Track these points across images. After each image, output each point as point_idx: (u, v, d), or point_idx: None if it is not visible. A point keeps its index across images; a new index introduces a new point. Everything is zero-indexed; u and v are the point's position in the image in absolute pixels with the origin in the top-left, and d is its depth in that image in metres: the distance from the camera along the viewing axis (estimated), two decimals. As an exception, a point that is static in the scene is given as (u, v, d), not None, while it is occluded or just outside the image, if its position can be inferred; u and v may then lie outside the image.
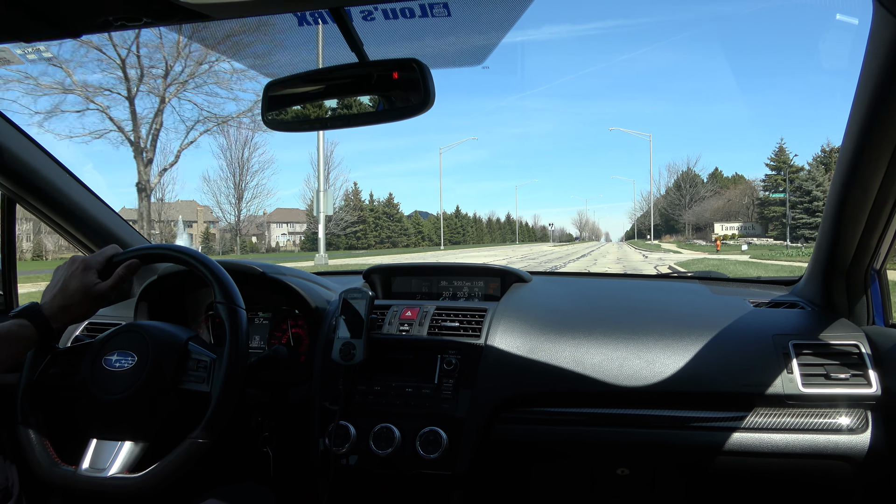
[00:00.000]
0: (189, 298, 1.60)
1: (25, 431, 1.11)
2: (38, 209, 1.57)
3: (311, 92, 1.00)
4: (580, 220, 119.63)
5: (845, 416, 1.24)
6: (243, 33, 0.96)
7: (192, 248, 1.22)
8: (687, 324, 1.38)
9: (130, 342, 1.13)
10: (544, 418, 1.34)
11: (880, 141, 1.02)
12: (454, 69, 1.11)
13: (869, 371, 1.23)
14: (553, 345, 1.36)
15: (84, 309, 1.11)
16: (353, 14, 0.88)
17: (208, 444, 1.06)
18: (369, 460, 1.30)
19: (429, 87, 0.90)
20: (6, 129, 1.41)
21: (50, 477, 1.08)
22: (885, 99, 0.94)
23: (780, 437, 1.24)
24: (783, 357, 1.27)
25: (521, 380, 1.33)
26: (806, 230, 39.27)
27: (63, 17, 0.75)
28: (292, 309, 1.56)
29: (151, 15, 0.74)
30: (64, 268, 1.13)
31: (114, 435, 1.09)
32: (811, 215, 40.16)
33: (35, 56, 1.16)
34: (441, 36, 1.04)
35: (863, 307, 1.38)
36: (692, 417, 1.28)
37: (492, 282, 1.68)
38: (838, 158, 1.16)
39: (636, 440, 1.30)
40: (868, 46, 0.92)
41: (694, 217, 60.37)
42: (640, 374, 1.29)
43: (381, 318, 1.48)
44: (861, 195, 1.15)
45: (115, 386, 1.08)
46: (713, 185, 61.81)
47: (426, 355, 1.38)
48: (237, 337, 1.12)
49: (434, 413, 1.31)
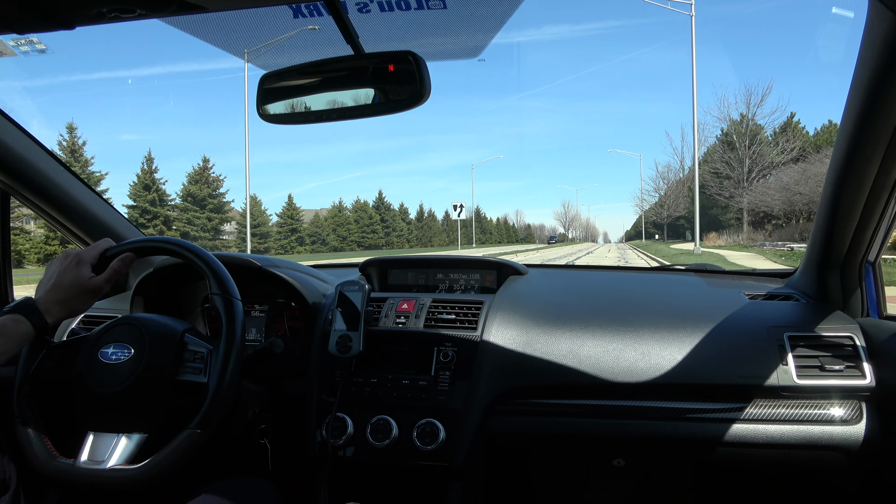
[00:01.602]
0: (185, 291, 1.59)
1: (22, 425, 1.11)
2: (31, 201, 1.56)
3: (306, 84, 0.99)
4: (565, 213, 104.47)
5: (840, 407, 1.25)
6: (238, 24, 0.96)
7: (187, 241, 1.21)
8: (683, 316, 1.38)
9: (126, 334, 1.12)
10: (541, 410, 1.34)
11: (875, 134, 1.02)
12: (454, 66, 1.10)
13: (863, 363, 1.24)
14: (549, 337, 1.36)
15: (79, 303, 1.11)
16: (349, 6, 0.88)
17: (206, 435, 1.06)
18: (366, 452, 1.30)
19: (424, 80, 0.90)
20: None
21: (48, 470, 1.08)
22: (879, 93, 0.94)
23: (776, 429, 1.25)
24: (778, 349, 1.28)
25: (517, 372, 1.34)
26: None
27: (57, 9, 0.75)
28: (289, 302, 1.56)
29: (146, 6, 0.73)
30: (57, 262, 1.13)
31: (111, 427, 1.09)
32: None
33: (28, 48, 1.15)
34: (437, 28, 1.04)
35: (857, 299, 1.38)
36: (687, 409, 1.29)
37: (488, 274, 1.68)
38: (833, 152, 1.17)
39: (632, 432, 1.31)
40: (863, 40, 0.92)
41: (759, 199, 34.85)
42: (635, 366, 1.30)
43: (378, 310, 1.48)
44: (856, 188, 1.15)
45: (112, 378, 1.08)
46: (788, 143, 36.18)
47: (423, 347, 1.38)
48: (233, 327, 1.12)
49: (431, 405, 1.31)
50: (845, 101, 1.05)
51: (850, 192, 1.17)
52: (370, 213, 59.02)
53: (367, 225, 57.64)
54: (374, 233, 57.98)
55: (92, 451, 1.07)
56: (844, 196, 1.19)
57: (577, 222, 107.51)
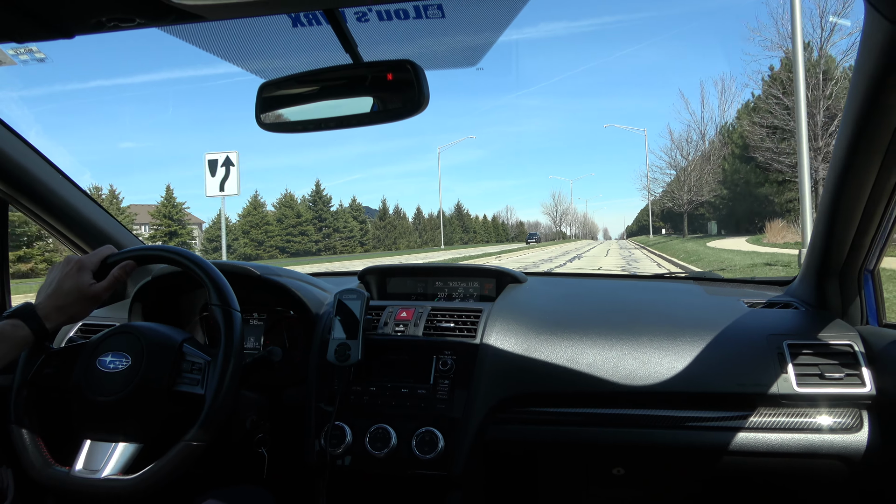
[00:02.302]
0: (184, 300, 1.59)
1: (19, 432, 1.10)
2: (31, 210, 1.56)
3: (305, 93, 0.99)
4: (555, 206, 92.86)
5: (840, 415, 1.25)
6: (237, 34, 0.96)
7: (187, 251, 1.21)
8: (682, 324, 1.38)
9: (125, 343, 1.12)
10: (540, 418, 1.34)
11: (873, 141, 1.02)
12: (450, 70, 1.11)
13: (863, 371, 1.24)
14: (548, 345, 1.36)
15: (78, 309, 1.11)
16: (348, 15, 0.88)
17: (203, 445, 1.06)
18: (365, 461, 1.30)
19: (423, 89, 0.91)
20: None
21: (43, 478, 1.07)
22: (877, 100, 0.95)
23: (775, 437, 1.25)
24: (778, 357, 1.27)
25: (516, 380, 1.33)
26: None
27: (56, 17, 0.75)
28: (287, 310, 1.56)
29: (145, 15, 0.74)
30: (58, 268, 1.13)
31: (108, 436, 1.08)
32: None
33: (27, 57, 1.15)
34: (435, 37, 1.04)
35: (856, 307, 1.38)
36: (687, 417, 1.29)
37: (487, 282, 1.68)
38: (831, 159, 1.17)
39: (631, 440, 1.30)
40: (860, 48, 0.93)
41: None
42: (635, 374, 1.30)
43: (377, 318, 1.48)
44: (854, 196, 1.16)
45: (109, 387, 1.08)
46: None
47: (422, 356, 1.38)
48: (232, 339, 1.12)
49: (430, 414, 1.31)
50: (844, 108, 1.05)
51: (849, 200, 1.17)
52: (298, 211, 47.29)
53: (293, 225, 46.58)
54: (305, 235, 46.69)
55: (87, 459, 1.07)
56: (843, 203, 1.19)
57: (570, 217, 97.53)
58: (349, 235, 50.98)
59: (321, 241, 48.59)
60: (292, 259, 41.38)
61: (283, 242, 46.03)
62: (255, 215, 45.39)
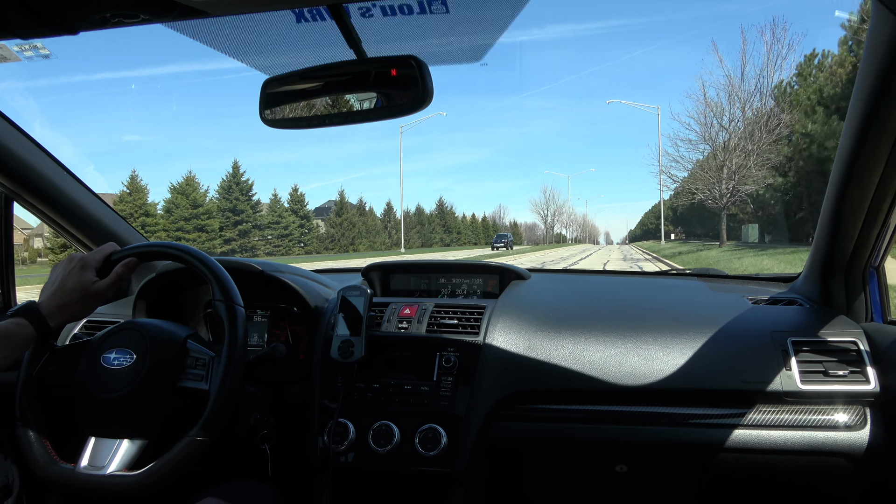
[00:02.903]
0: (187, 296, 1.59)
1: (24, 429, 1.10)
2: (35, 206, 1.56)
3: (309, 89, 0.99)
4: (546, 203, 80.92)
5: (843, 412, 1.24)
6: (241, 30, 0.96)
7: (191, 247, 1.22)
8: (685, 321, 1.38)
9: (129, 340, 1.12)
10: (543, 415, 1.34)
11: (879, 137, 1.02)
12: (456, 66, 1.10)
13: (867, 368, 1.24)
14: (552, 342, 1.36)
15: (82, 307, 1.11)
16: (352, 11, 0.88)
17: (207, 442, 1.06)
18: (368, 458, 1.30)
19: (427, 84, 0.90)
20: (2, 126, 1.40)
21: (48, 475, 1.07)
22: (883, 95, 0.94)
23: (779, 434, 1.25)
24: (782, 354, 1.27)
25: (519, 377, 1.33)
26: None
27: (60, 14, 0.75)
28: (291, 307, 1.56)
29: (149, 11, 0.73)
30: (62, 266, 1.13)
31: (112, 433, 1.08)
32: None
33: (32, 53, 1.15)
34: (439, 33, 1.04)
35: (861, 304, 1.38)
36: (691, 414, 1.28)
37: (490, 279, 1.68)
38: (836, 155, 1.17)
39: (634, 437, 1.30)
40: (867, 43, 0.92)
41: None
42: (638, 371, 1.30)
43: (380, 315, 1.48)
44: (859, 192, 1.15)
45: (114, 384, 1.08)
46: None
47: (425, 353, 1.38)
48: (236, 335, 1.12)
49: (433, 410, 1.31)
50: (850, 104, 1.05)
51: (854, 196, 1.17)
52: (196, 200, 35.31)
53: (186, 219, 34.95)
54: (203, 231, 35.33)
55: (92, 456, 1.07)
56: (848, 200, 1.19)
57: (567, 217, 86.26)
58: (283, 234, 41.13)
59: (235, 238, 38.18)
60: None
61: (169, 240, 36.41)
62: (129, 203, 33.88)
